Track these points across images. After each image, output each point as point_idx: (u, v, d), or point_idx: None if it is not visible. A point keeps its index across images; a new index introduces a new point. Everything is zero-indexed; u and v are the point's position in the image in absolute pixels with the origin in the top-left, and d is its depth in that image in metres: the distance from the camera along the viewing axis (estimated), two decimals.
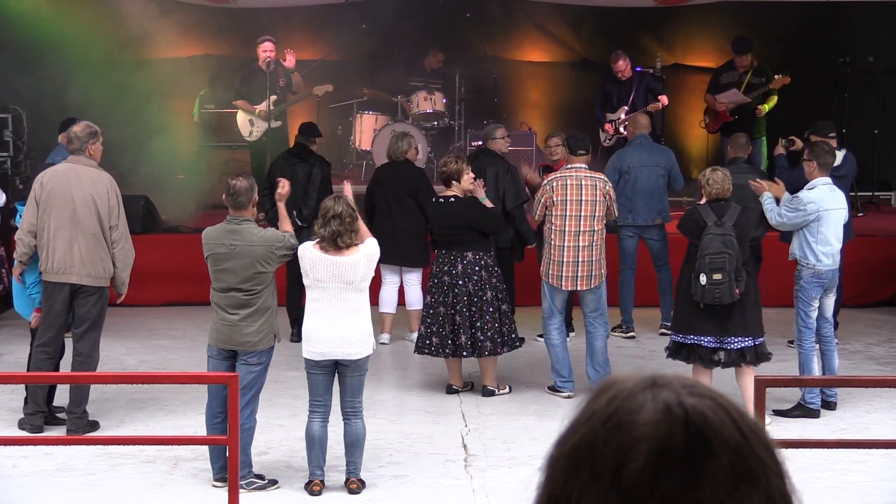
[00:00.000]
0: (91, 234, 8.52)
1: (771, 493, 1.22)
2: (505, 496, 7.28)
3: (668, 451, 1.20)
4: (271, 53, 13.67)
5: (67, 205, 8.49)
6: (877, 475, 7.84)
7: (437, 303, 9.51)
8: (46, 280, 8.57)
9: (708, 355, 8.78)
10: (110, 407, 9.25)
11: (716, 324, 8.73)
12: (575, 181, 9.53)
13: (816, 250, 9.13)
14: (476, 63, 15.79)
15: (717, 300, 8.60)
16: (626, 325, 11.74)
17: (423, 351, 9.66)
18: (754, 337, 8.76)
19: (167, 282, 12.76)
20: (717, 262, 8.59)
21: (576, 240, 9.50)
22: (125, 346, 11.32)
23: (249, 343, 7.62)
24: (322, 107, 15.23)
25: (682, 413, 1.22)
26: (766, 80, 13.67)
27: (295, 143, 11.63)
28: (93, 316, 8.63)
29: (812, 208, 9.09)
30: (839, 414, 9.31)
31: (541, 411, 9.31)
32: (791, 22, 15.93)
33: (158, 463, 8.08)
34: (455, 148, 15.02)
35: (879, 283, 12.90)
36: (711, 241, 8.68)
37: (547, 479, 1.25)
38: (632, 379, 1.28)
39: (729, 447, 1.21)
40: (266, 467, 7.91)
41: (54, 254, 8.51)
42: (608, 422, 1.23)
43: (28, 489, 7.48)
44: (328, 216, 7.44)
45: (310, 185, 10.94)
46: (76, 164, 8.63)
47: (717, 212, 8.74)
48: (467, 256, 9.50)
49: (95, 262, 8.55)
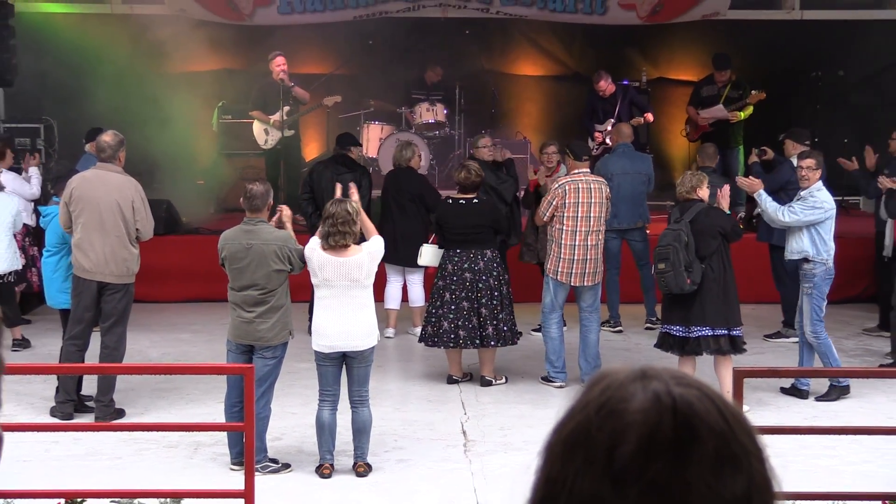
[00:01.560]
0: (116, 236, 8.54)
1: (753, 476, 1.23)
2: (502, 479, 7.29)
3: (657, 436, 1.21)
4: (284, 67, 13.68)
5: (94, 209, 8.52)
6: (846, 459, 7.85)
7: (461, 298, 9.46)
8: (77, 276, 8.62)
9: (679, 344, 8.80)
10: (135, 396, 9.26)
11: (680, 314, 8.77)
12: (584, 185, 9.55)
13: (830, 246, 9.24)
14: (475, 76, 15.79)
15: (664, 288, 8.74)
16: (614, 321, 11.76)
17: (448, 345, 9.58)
18: (713, 327, 8.72)
19: (188, 280, 12.77)
20: (662, 254, 8.72)
21: (586, 239, 9.52)
22: (149, 339, 11.32)
23: (265, 339, 7.62)
24: (331, 117, 15.23)
25: (671, 401, 1.23)
26: (743, 93, 13.77)
27: (335, 154, 11.57)
28: (118, 311, 8.65)
29: (827, 206, 9.23)
30: (812, 402, 9.32)
31: (535, 400, 9.31)
32: (767, 39, 15.95)
33: (180, 448, 8.08)
34: (455, 156, 15.03)
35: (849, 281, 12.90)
36: (665, 235, 8.83)
37: (544, 464, 1.26)
38: (623, 371, 1.29)
39: (714, 433, 1.22)
40: (280, 452, 7.92)
41: (83, 253, 8.54)
42: (601, 409, 1.24)
43: (58, 472, 7.49)
44: (334, 219, 7.44)
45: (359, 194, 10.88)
46: (103, 171, 8.65)
47: (681, 210, 8.83)
48: (486, 254, 9.51)
49: (119, 262, 8.57)
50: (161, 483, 7.23)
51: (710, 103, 14.07)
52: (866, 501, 6.08)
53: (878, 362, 10.48)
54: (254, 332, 7.62)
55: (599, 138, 13.80)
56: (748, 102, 13.68)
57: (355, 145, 11.53)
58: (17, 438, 7.54)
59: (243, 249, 7.65)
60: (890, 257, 10.78)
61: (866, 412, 9.04)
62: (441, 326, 9.53)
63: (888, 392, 9.50)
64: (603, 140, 13.69)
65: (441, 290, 9.58)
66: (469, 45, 16.07)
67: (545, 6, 15.59)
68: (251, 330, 7.63)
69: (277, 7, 15.39)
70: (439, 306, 9.56)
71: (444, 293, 9.55)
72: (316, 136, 15.62)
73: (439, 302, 9.58)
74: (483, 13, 15.70)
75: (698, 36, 16.01)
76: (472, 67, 15.90)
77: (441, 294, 9.57)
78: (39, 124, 14.28)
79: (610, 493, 1.20)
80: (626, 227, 11.67)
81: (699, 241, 8.68)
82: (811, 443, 7.96)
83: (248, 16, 15.45)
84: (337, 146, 11.59)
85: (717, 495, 1.20)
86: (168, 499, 6.15)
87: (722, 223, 8.80)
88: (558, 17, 15.82)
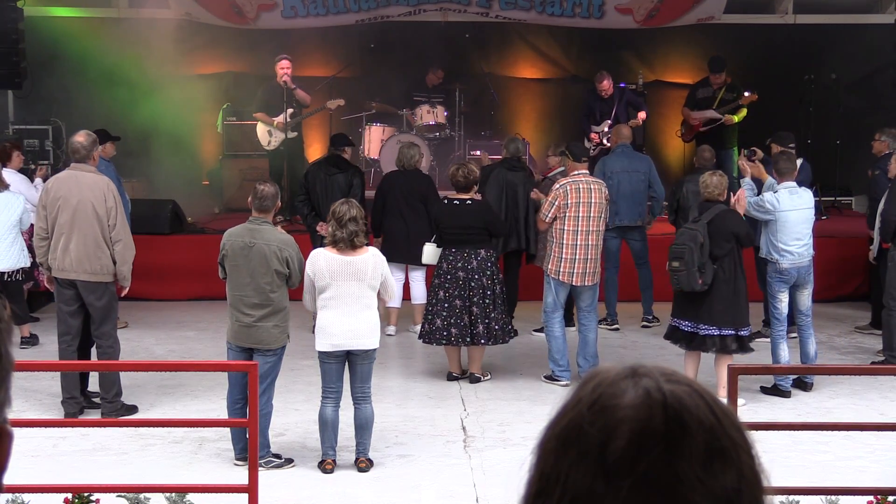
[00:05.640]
0: (89, 234, 8.48)
1: (742, 470, 1.23)
2: (500, 474, 7.29)
3: (648, 431, 1.21)
4: (288, 70, 13.69)
5: (68, 208, 8.48)
6: (839, 455, 7.85)
7: (454, 296, 9.46)
8: (54, 276, 8.60)
9: (687, 338, 8.83)
10: (141, 392, 9.26)
11: (691, 311, 8.80)
12: (585, 185, 9.55)
13: (781, 247, 9.22)
14: (475, 79, 15.79)
15: (676, 286, 8.75)
16: (611, 319, 11.75)
17: (441, 342, 9.60)
18: (720, 327, 8.77)
19: (193, 278, 12.76)
20: (677, 252, 8.74)
21: (587, 239, 9.51)
22: (155, 336, 11.32)
23: (263, 341, 7.61)
24: (334, 119, 15.22)
25: (661, 397, 1.23)
26: (737, 96, 13.81)
27: (329, 154, 11.58)
28: (103, 312, 8.61)
29: (774, 209, 9.20)
30: (805, 399, 9.32)
31: (533, 397, 9.31)
32: (761, 42, 15.96)
33: (185, 443, 8.08)
34: (455, 157, 15.03)
35: (841, 279, 12.92)
36: (682, 234, 8.85)
37: (538, 460, 1.26)
38: (614, 369, 1.29)
39: (703, 428, 1.22)
40: (283, 447, 7.92)
41: (57, 253, 8.52)
42: (593, 406, 1.24)
43: (67, 467, 7.49)
44: (344, 219, 7.44)
45: (350, 194, 10.84)
46: (77, 171, 8.61)
47: (700, 210, 8.83)
48: (481, 254, 9.51)
49: (92, 259, 8.50)
50: (166, 478, 7.24)
51: (705, 106, 14.08)
52: (859, 496, 6.08)
53: (870, 359, 10.48)
54: (252, 335, 7.60)
55: (596, 139, 13.80)
56: (741, 104, 13.72)
57: (349, 146, 11.52)
58: (26, 434, 7.55)
59: (246, 247, 7.64)
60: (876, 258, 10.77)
61: (859, 408, 9.04)
62: (435, 324, 9.55)
63: (880, 389, 9.50)
64: (600, 141, 13.70)
65: (436, 288, 9.61)
66: (469, 49, 16.07)
67: (543, 10, 15.60)
68: (250, 332, 7.61)
69: (281, 11, 15.39)
70: (434, 304, 9.59)
71: (439, 291, 9.57)
72: (319, 138, 15.62)
73: (434, 300, 9.61)
74: (483, 17, 15.71)
75: (694, 39, 16.01)
76: (472, 70, 15.91)
77: (436, 292, 9.60)
78: (48, 126, 14.27)
79: (603, 486, 1.20)
80: (626, 225, 11.65)
81: (713, 242, 8.73)
82: (804, 438, 7.97)
83: (253, 20, 15.44)
84: (331, 147, 11.60)
85: (708, 488, 1.20)
86: (173, 493, 6.15)
87: (736, 227, 8.85)
88: (556, 21, 15.82)
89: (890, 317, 9.97)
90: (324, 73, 15.82)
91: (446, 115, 15.13)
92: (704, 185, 9.00)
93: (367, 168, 15.30)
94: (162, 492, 6.14)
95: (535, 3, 15.55)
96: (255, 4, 15.32)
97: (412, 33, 15.37)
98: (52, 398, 8.97)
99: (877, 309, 10.97)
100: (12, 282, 10.49)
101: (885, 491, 6.11)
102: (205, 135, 15.77)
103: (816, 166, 12.68)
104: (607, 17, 15.61)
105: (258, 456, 5.95)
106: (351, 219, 7.43)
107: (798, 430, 7.89)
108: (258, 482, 5.70)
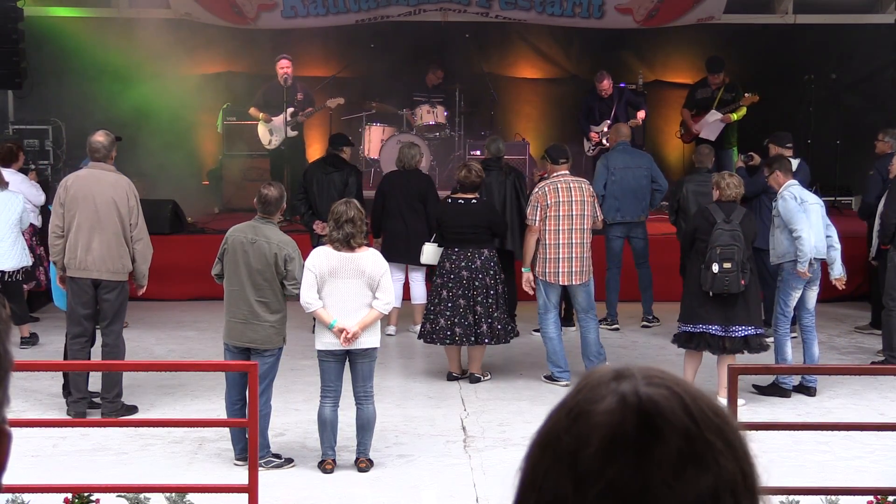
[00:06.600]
0: (112, 233, 8.49)
1: (721, 476, 1.19)
2: (500, 474, 7.28)
3: (619, 437, 1.18)
4: (289, 70, 13.69)
5: (90, 207, 8.47)
6: (839, 455, 7.84)
7: (457, 296, 9.45)
8: (70, 276, 8.58)
9: (716, 342, 8.82)
10: (141, 392, 9.25)
11: (721, 313, 8.80)
12: (564, 185, 9.53)
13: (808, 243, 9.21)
14: (475, 79, 15.78)
15: (725, 288, 8.68)
16: (612, 319, 11.74)
17: (444, 341, 9.57)
18: (756, 326, 8.85)
19: (193, 278, 12.74)
20: (728, 253, 8.70)
21: (569, 237, 9.48)
22: (155, 336, 11.32)
23: (259, 341, 7.61)
24: (334, 119, 15.22)
25: (636, 401, 1.20)
26: (736, 96, 13.82)
27: (327, 153, 11.59)
28: (115, 309, 8.61)
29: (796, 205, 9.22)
30: (805, 399, 9.32)
31: (533, 397, 9.30)
32: (761, 42, 15.96)
33: (185, 443, 8.08)
34: (455, 157, 15.04)
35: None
36: (721, 234, 8.77)
37: (522, 466, 1.25)
38: (601, 372, 1.26)
39: (677, 433, 1.19)
40: (283, 447, 7.91)
41: (77, 251, 8.49)
42: (571, 412, 1.23)
43: (67, 467, 7.48)
44: (342, 220, 7.45)
45: (346, 193, 10.83)
46: (97, 170, 8.62)
47: (725, 211, 8.82)
48: (484, 253, 9.51)
49: (115, 258, 8.52)
50: (166, 478, 7.24)
51: (704, 106, 14.08)
52: (859, 496, 6.07)
53: (870, 359, 10.48)
54: (247, 332, 7.60)
55: (596, 138, 13.81)
56: (741, 105, 13.74)
57: (347, 145, 11.52)
58: (26, 434, 7.55)
59: (247, 242, 7.65)
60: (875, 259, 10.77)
61: (859, 408, 9.03)
62: (438, 323, 9.52)
63: (880, 389, 9.49)
64: (599, 140, 13.70)
65: (439, 287, 9.58)
66: (469, 49, 16.07)
67: (543, 10, 15.59)
68: (244, 330, 7.61)
69: (281, 11, 15.39)
70: (437, 304, 9.57)
71: (442, 291, 9.55)
72: (319, 138, 15.61)
73: (437, 299, 9.58)
74: (482, 17, 15.70)
75: (693, 39, 16.01)
76: (471, 70, 15.90)
77: (439, 292, 9.58)
78: (48, 126, 14.27)
79: (572, 493, 1.18)
80: (630, 221, 11.63)
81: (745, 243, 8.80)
82: (804, 438, 7.97)
83: (253, 20, 15.44)
84: (330, 146, 11.62)
85: (678, 495, 1.17)
86: (173, 493, 6.15)
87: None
88: (556, 21, 15.82)
89: (890, 317, 9.97)
90: (324, 73, 15.82)
91: (446, 115, 15.13)
92: (726, 185, 8.90)
93: (367, 168, 15.30)
94: (162, 492, 6.14)
95: (535, 3, 15.55)
96: (255, 4, 15.32)
97: (412, 33, 15.37)
98: (52, 398, 8.96)
99: (877, 309, 10.96)
100: (12, 282, 10.48)
101: (885, 491, 6.11)
102: (205, 135, 15.77)
103: (816, 166, 12.67)
104: (607, 17, 15.60)
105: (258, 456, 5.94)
106: (348, 220, 7.42)
107: (798, 430, 7.89)
108: (258, 482, 5.70)
